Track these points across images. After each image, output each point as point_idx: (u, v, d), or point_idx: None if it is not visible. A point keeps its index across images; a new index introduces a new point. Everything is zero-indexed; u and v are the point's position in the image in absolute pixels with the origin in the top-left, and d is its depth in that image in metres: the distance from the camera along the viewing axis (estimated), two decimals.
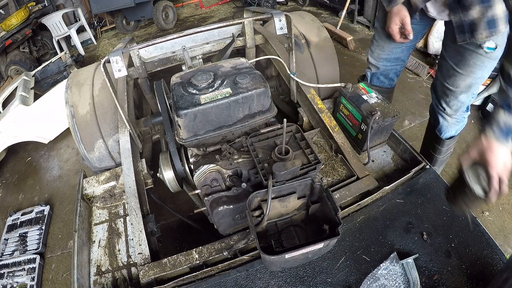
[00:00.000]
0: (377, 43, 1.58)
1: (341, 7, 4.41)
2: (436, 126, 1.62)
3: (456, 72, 1.33)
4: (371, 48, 1.64)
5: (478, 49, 1.20)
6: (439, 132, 1.62)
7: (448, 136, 1.61)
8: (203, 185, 1.14)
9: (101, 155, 1.68)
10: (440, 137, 1.62)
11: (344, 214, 1.14)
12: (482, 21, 1.08)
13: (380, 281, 0.96)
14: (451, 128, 1.58)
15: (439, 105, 1.52)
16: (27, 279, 1.96)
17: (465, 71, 1.30)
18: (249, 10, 1.88)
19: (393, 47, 1.53)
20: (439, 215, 1.09)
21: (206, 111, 1.06)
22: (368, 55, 1.68)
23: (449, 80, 1.39)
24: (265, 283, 0.98)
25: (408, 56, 1.62)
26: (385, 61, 1.61)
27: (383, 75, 1.70)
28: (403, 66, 1.67)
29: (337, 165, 1.35)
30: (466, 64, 1.28)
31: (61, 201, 2.54)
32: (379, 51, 1.59)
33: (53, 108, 2.98)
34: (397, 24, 1.34)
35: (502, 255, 0.97)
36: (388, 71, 1.67)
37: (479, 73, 1.29)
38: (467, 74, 1.31)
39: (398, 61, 1.62)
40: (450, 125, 1.56)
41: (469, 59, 1.26)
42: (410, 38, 1.35)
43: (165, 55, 2.05)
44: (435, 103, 1.56)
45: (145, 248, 1.12)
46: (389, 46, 1.54)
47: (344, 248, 1.04)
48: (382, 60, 1.62)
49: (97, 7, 5.32)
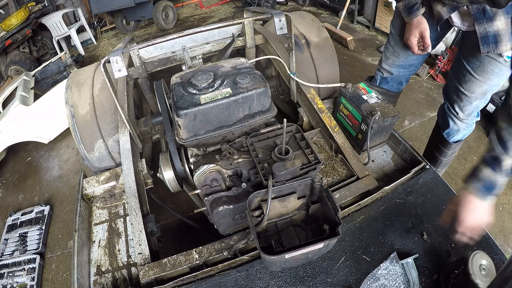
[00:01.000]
0: (392, 49, 1.55)
1: (341, 7, 4.41)
2: (444, 129, 1.61)
3: (472, 77, 1.31)
4: (386, 54, 1.61)
5: (498, 57, 1.19)
6: (447, 135, 1.61)
7: (455, 140, 1.61)
8: (203, 185, 1.14)
9: (101, 155, 1.68)
10: (447, 140, 1.61)
11: (344, 214, 1.14)
12: (507, 32, 1.06)
13: (380, 281, 0.96)
14: (459, 132, 1.58)
15: (452, 109, 1.50)
16: (27, 279, 1.96)
17: (482, 77, 1.28)
18: (249, 10, 1.88)
19: (409, 55, 1.51)
20: (439, 215, 1.09)
21: (206, 111, 1.06)
22: (382, 60, 1.65)
23: (464, 85, 1.36)
24: (265, 283, 0.98)
25: (422, 62, 1.60)
26: (399, 68, 1.59)
27: (394, 81, 1.68)
28: (415, 71, 1.65)
29: (337, 165, 1.35)
30: (484, 71, 1.26)
31: (61, 201, 2.54)
32: (394, 57, 1.57)
33: (53, 108, 2.98)
34: (416, 36, 1.31)
35: (502, 255, 0.97)
36: (400, 77, 1.66)
37: (495, 80, 1.28)
38: (483, 81, 1.29)
39: (412, 67, 1.60)
40: (459, 129, 1.56)
41: (487, 66, 1.24)
42: (429, 51, 1.33)
43: (165, 55, 2.05)
44: (448, 107, 1.54)
45: (145, 248, 1.12)
46: (405, 54, 1.51)
47: (344, 248, 1.04)
48: (396, 67, 1.60)
49: (97, 7, 5.31)
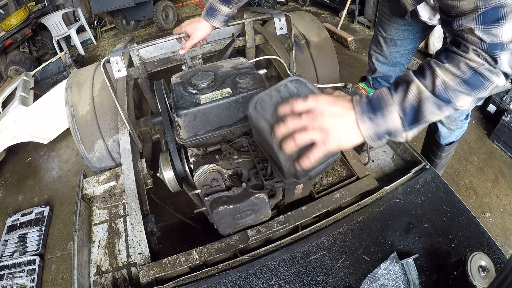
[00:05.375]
0: (375, 47, 1.56)
1: (341, 7, 4.41)
2: (435, 131, 1.60)
3: None
4: (370, 52, 1.62)
5: None
6: (438, 138, 1.59)
7: (448, 142, 1.59)
8: (203, 185, 1.14)
9: (101, 155, 1.68)
10: (439, 142, 1.60)
11: (344, 214, 1.14)
12: None
13: (380, 281, 0.96)
14: (450, 135, 1.56)
15: None
16: (27, 280, 1.95)
17: None
18: (249, 10, 1.88)
19: (392, 51, 1.50)
20: (439, 215, 1.09)
21: (206, 111, 1.06)
22: (368, 59, 1.66)
23: None
24: (265, 283, 0.98)
25: (408, 60, 1.59)
26: (384, 65, 1.59)
27: (384, 79, 1.68)
28: (402, 70, 1.63)
29: (337, 165, 1.35)
30: None
31: (60, 202, 2.53)
32: (377, 54, 1.57)
33: (53, 108, 2.97)
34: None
35: (502, 255, 0.97)
36: (387, 76, 1.65)
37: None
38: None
39: (398, 65, 1.58)
40: (449, 132, 1.54)
41: None
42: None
43: (165, 55, 2.05)
44: None
45: (145, 248, 1.12)
46: (387, 50, 1.51)
47: (344, 248, 1.04)
48: (381, 64, 1.59)
49: (97, 7, 5.32)
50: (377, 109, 0.68)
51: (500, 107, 2.48)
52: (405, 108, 0.67)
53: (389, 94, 0.69)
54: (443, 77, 0.66)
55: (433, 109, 0.67)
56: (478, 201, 2.06)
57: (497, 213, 1.97)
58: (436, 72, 0.66)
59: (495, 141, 2.44)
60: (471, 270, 0.84)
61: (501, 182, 2.17)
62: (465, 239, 1.02)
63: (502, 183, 2.16)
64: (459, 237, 1.03)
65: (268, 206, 1.07)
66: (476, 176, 2.22)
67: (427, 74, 0.68)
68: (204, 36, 1.25)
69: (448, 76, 0.66)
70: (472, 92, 0.66)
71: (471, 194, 2.11)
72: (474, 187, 2.15)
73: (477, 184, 2.17)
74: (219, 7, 1.19)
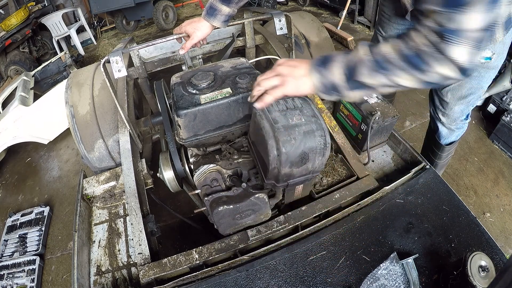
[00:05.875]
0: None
1: (341, 7, 4.41)
2: (435, 131, 1.60)
3: None
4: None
5: None
6: (438, 138, 1.60)
7: (448, 142, 1.59)
8: (203, 185, 1.14)
9: (101, 155, 1.68)
10: (440, 142, 1.60)
11: (344, 214, 1.14)
12: None
13: (380, 281, 0.96)
14: (450, 135, 1.56)
15: (436, 114, 1.49)
16: (26, 280, 1.95)
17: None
18: (249, 10, 1.88)
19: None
20: (439, 215, 1.09)
21: (206, 111, 1.06)
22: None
23: (443, 90, 1.34)
24: (265, 283, 0.98)
25: None
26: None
27: None
28: None
29: (337, 165, 1.35)
30: None
31: (60, 202, 2.53)
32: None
33: (53, 108, 2.97)
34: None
35: (502, 255, 0.97)
36: None
37: (474, 83, 1.23)
38: (460, 84, 1.26)
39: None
40: (449, 132, 1.54)
41: None
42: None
43: (165, 55, 2.05)
44: (433, 112, 1.53)
45: (145, 248, 1.12)
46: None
47: (344, 248, 1.04)
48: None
49: (97, 7, 5.31)
50: (325, 62, 0.80)
51: (500, 107, 2.48)
52: (347, 66, 0.76)
53: (339, 54, 0.80)
54: (388, 48, 0.72)
55: (368, 71, 0.74)
56: (478, 201, 2.06)
57: (497, 213, 1.97)
58: (384, 43, 0.73)
59: (495, 141, 2.44)
60: (471, 270, 0.84)
61: (501, 182, 2.17)
62: (465, 239, 1.02)
63: (502, 183, 2.16)
64: (459, 237, 1.03)
65: (268, 206, 1.07)
66: (476, 176, 2.22)
67: (379, 44, 0.75)
68: (204, 36, 1.25)
69: (391, 48, 0.71)
70: (412, 71, 0.69)
71: (471, 194, 2.11)
72: (474, 187, 2.15)
73: (477, 184, 2.17)
74: (220, 7, 1.19)
